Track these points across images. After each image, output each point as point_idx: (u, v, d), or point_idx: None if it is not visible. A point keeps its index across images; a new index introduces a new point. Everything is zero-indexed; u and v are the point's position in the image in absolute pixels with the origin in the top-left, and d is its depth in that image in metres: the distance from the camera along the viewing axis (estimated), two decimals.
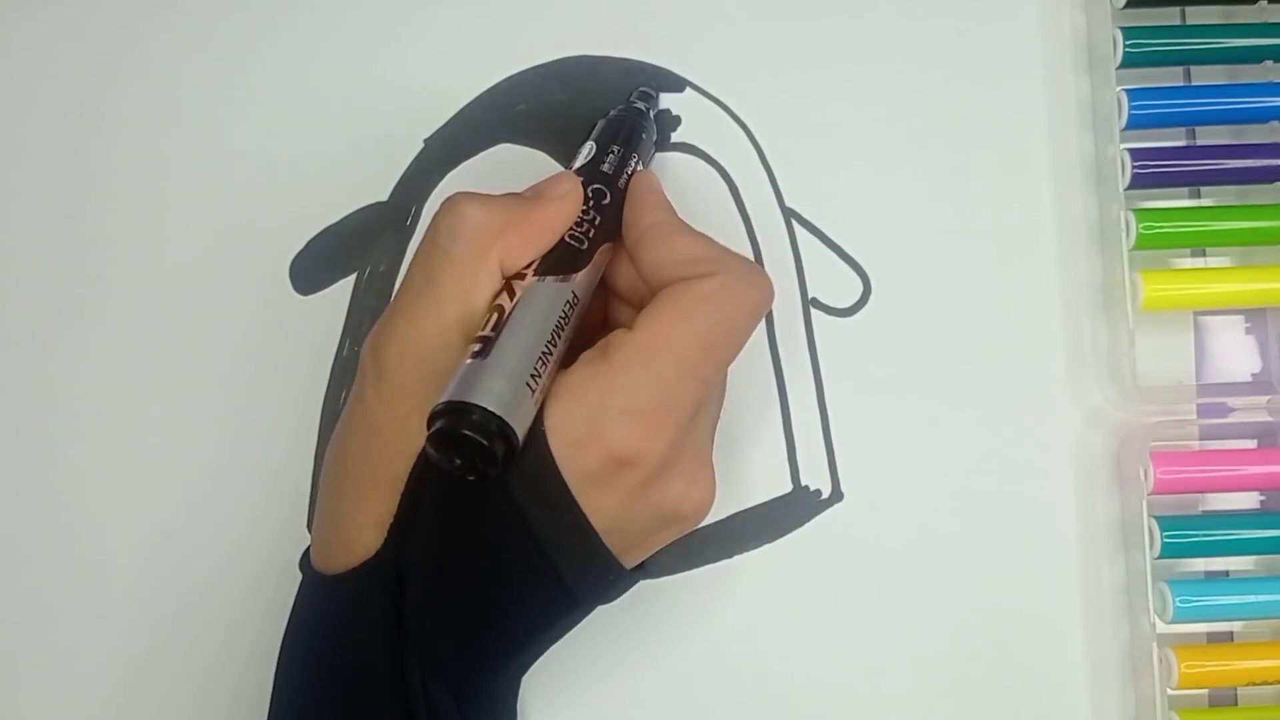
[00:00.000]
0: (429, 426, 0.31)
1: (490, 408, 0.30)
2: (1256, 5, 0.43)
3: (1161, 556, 0.41)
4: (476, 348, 0.32)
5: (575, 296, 0.34)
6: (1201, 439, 0.43)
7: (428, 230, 0.34)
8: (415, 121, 0.44)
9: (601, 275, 0.37)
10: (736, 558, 0.42)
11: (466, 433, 0.30)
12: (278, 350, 0.43)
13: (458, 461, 0.31)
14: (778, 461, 0.42)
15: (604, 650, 0.42)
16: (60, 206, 0.44)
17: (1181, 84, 0.44)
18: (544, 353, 0.32)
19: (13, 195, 0.44)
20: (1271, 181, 0.42)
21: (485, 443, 0.30)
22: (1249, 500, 0.42)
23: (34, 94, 0.45)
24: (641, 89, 0.43)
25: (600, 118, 0.40)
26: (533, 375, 0.32)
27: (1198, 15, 0.44)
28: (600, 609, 0.34)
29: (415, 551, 0.33)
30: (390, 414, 0.33)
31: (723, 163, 0.44)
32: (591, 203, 0.36)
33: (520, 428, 0.31)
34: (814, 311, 0.43)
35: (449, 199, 0.34)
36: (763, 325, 0.43)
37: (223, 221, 0.44)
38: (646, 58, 0.45)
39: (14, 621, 0.42)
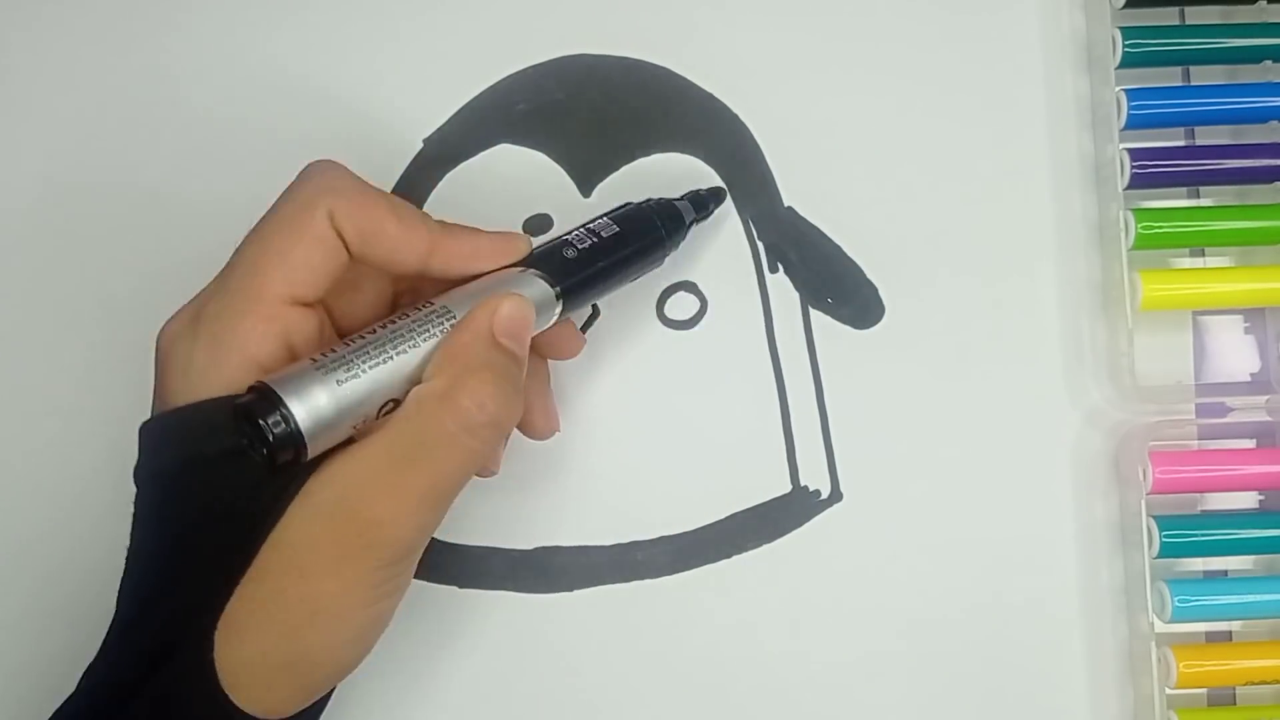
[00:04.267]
0: (244, 392, 0.31)
1: (301, 422, 0.30)
2: (1256, 5, 0.43)
3: (1160, 556, 0.41)
4: (337, 348, 0.32)
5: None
6: (1200, 439, 0.43)
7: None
8: (415, 121, 0.44)
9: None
10: (736, 558, 0.42)
11: (261, 424, 0.30)
12: None
13: (248, 427, 0.30)
14: (777, 462, 0.43)
15: (603, 650, 0.42)
16: (60, 206, 0.44)
17: (1180, 84, 0.44)
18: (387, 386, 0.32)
19: (13, 195, 0.44)
20: (1271, 181, 0.42)
21: (272, 443, 0.30)
22: (1248, 500, 0.43)
23: (34, 94, 0.45)
24: (702, 195, 0.42)
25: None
26: (361, 402, 0.31)
27: (1197, 15, 0.44)
28: (599, 608, 0.34)
29: None
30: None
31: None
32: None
33: (317, 447, 0.31)
34: (813, 312, 0.43)
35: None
36: (762, 326, 0.43)
37: (223, 221, 0.44)
38: (646, 57, 0.45)
39: (14, 621, 0.42)
